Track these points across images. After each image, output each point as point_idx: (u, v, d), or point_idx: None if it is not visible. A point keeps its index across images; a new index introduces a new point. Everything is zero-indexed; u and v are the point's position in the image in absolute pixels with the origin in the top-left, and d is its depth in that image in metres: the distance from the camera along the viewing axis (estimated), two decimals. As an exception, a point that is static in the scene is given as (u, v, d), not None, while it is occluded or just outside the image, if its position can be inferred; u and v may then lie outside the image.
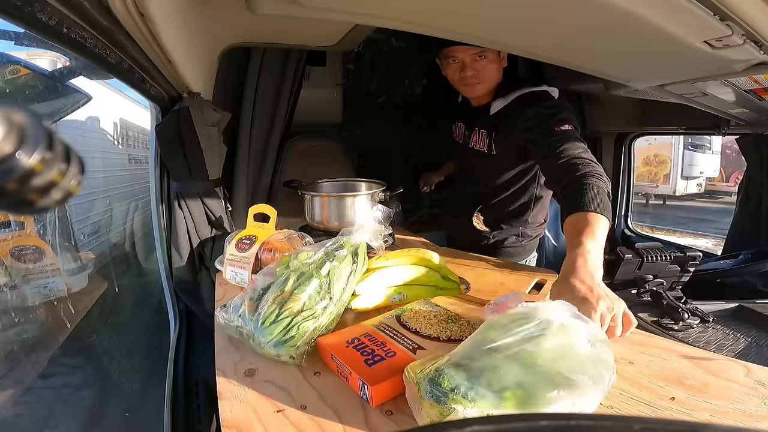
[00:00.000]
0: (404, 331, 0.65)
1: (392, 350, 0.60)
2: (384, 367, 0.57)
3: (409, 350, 0.60)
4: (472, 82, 1.21)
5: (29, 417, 1.10)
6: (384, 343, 0.62)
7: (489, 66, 1.19)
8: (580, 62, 0.93)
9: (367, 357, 0.59)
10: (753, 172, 1.71)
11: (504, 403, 0.44)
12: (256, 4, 0.71)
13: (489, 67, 1.19)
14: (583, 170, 0.96)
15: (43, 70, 1.07)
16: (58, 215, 1.31)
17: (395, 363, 0.57)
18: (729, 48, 0.69)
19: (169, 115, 1.09)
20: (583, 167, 0.97)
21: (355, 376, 0.56)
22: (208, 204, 1.19)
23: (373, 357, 0.59)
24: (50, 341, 1.18)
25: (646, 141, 7.76)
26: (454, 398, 0.44)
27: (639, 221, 6.49)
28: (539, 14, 0.68)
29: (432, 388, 0.46)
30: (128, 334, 1.58)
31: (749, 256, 1.51)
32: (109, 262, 1.79)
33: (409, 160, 2.75)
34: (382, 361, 0.58)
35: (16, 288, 1.13)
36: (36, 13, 0.52)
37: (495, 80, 1.23)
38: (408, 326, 0.67)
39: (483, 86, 1.22)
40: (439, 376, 0.47)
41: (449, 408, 0.44)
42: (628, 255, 1.00)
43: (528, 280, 0.94)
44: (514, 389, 0.45)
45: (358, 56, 2.33)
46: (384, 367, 0.57)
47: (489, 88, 1.24)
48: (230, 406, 0.55)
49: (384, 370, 0.56)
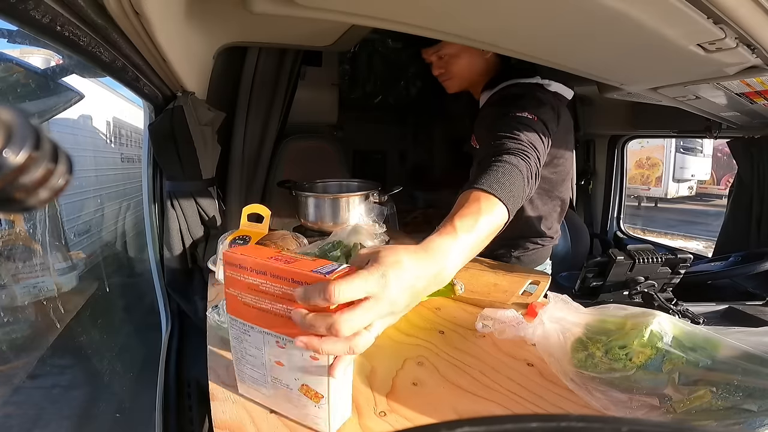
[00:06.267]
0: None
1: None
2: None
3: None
4: (443, 80, 1.19)
5: (18, 417, 1.08)
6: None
7: (455, 62, 1.14)
8: (574, 64, 0.94)
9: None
10: (743, 175, 1.73)
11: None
12: (252, 3, 0.71)
13: (455, 63, 1.14)
14: (509, 149, 0.80)
15: (35, 68, 1.06)
16: (48, 214, 1.30)
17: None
18: (722, 51, 0.70)
19: (163, 114, 1.08)
20: (513, 150, 0.80)
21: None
22: (201, 204, 1.18)
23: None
24: (40, 341, 1.17)
25: (639, 144, 7.83)
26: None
27: (631, 223, 6.55)
28: (534, 16, 0.69)
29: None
30: (119, 334, 1.56)
31: (739, 259, 1.53)
32: (100, 261, 1.78)
33: (404, 161, 2.76)
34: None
35: (5, 287, 1.11)
36: (30, 10, 0.52)
37: (470, 74, 1.17)
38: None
39: (454, 82, 1.18)
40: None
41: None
42: (620, 257, 1.00)
43: (521, 281, 0.94)
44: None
45: (354, 57, 2.33)
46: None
47: (467, 83, 1.19)
48: (222, 406, 0.55)
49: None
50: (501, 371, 0.62)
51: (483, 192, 0.67)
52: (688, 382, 0.51)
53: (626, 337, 0.56)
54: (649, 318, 0.56)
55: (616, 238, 2.46)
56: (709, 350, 0.52)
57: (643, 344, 0.55)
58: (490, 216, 0.64)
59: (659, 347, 0.54)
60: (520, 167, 0.76)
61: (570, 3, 0.61)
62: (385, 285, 0.46)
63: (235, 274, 0.49)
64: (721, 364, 0.50)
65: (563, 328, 0.61)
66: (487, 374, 0.61)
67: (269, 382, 0.52)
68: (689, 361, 0.52)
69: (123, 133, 2.50)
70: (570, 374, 0.57)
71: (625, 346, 0.55)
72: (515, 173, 0.74)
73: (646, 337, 0.55)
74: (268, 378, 0.52)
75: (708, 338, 0.53)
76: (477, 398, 0.56)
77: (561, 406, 0.55)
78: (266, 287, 0.47)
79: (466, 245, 0.57)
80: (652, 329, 0.55)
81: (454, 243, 0.56)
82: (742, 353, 0.50)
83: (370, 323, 0.46)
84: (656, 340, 0.54)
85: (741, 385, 0.48)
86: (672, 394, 0.51)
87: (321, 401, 0.48)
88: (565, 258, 1.90)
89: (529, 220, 1.23)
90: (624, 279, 1.04)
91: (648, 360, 0.54)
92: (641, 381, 0.53)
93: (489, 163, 0.76)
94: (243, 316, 0.51)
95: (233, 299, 0.51)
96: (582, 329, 0.60)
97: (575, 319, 0.61)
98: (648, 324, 0.56)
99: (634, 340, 0.55)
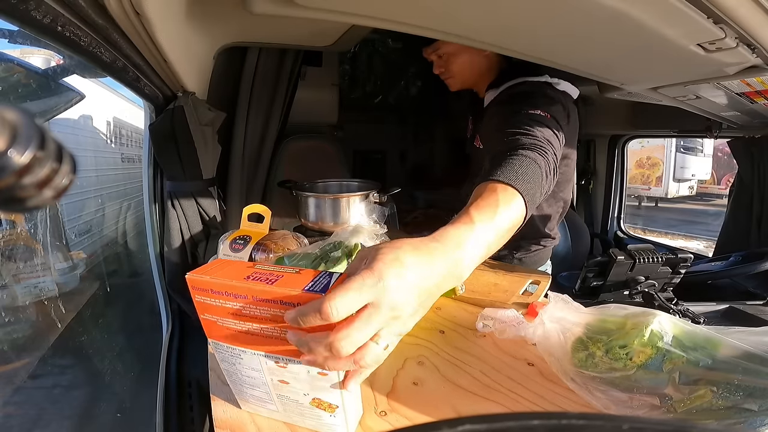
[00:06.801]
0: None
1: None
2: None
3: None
4: (444, 78, 1.19)
5: (19, 417, 1.08)
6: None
7: (454, 60, 1.14)
8: (574, 64, 0.94)
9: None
10: (744, 174, 1.73)
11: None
12: (252, 3, 0.71)
13: (454, 61, 1.14)
14: (524, 144, 0.76)
15: (36, 68, 1.06)
16: (49, 214, 1.30)
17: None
18: (722, 51, 0.70)
19: (163, 114, 1.08)
20: (529, 145, 0.76)
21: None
22: (201, 204, 1.18)
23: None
24: (41, 341, 1.17)
25: (639, 144, 7.83)
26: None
27: (631, 223, 6.55)
28: (534, 16, 0.69)
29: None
30: (120, 334, 1.56)
31: (740, 258, 1.53)
32: (101, 261, 1.78)
33: (405, 161, 2.76)
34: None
35: (6, 287, 1.11)
36: (30, 11, 0.52)
37: (471, 72, 1.16)
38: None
39: (455, 80, 1.18)
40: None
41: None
42: (621, 257, 1.00)
43: (521, 281, 0.94)
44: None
45: (354, 57, 2.33)
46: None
47: (468, 81, 1.19)
48: (223, 406, 0.55)
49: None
50: (501, 371, 0.62)
51: (500, 183, 0.62)
52: (689, 382, 0.51)
53: (627, 336, 0.56)
54: (650, 317, 0.56)
55: (617, 238, 2.46)
56: (710, 350, 0.52)
57: (643, 344, 0.55)
58: (509, 208, 0.59)
59: (660, 347, 0.54)
60: (538, 161, 0.71)
61: (570, 3, 0.60)
62: (384, 289, 0.40)
63: (206, 299, 0.43)
64: (722, 363, 0.50)
65: (564, 328, 0.61)
66: (487, 374, 0.62)
67: (275, 399, 0.48)
68: (690, 360, 0.52)
69: (123, 133, 2.50)
70: (570, 374, 0.57)
71: (626, 346, 0.55)
72: (533, 167, 0.69)
73: (647, 336, 0.55)
74: (273, 395, 0.48)
75: (708, 338, 0.53)
76: (477, 398, 0.57)
77: (561, 405, 0.55)
78: (251, 311, 0.41)
79: (483, 237, 0.52)
80: (653, 329, 0.55)
81: (471, 233, 0.50)
82: (743, 353, 0.50)
83: (376, 334, 0.40)
84: (657, 339, 0.54)
85: (741, 385, 0.48)
86: (672, 394, 0.51)
87: (336, 411, 0.46)
88: (566, 258, 1.91)
89: (533, 221, 1.23)
90: (624, 279, 1.04)
91: (648, 359, 0.54)
92: (642, 380, 0.53)
93: (504, 157, 0.71)
94: (229, 341, 0.45)
95: (211, 324, 0.44)
96: (582, 329, 0.60)
97: (576, 319, 0.61)
98: (648, 323, 0.56)
99: (634, 340, 0.55)
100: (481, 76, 1.17)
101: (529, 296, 0.88)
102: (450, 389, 0.58)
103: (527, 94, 0.99)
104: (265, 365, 0.45)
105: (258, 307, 0.41)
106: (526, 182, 0.64)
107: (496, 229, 0.55)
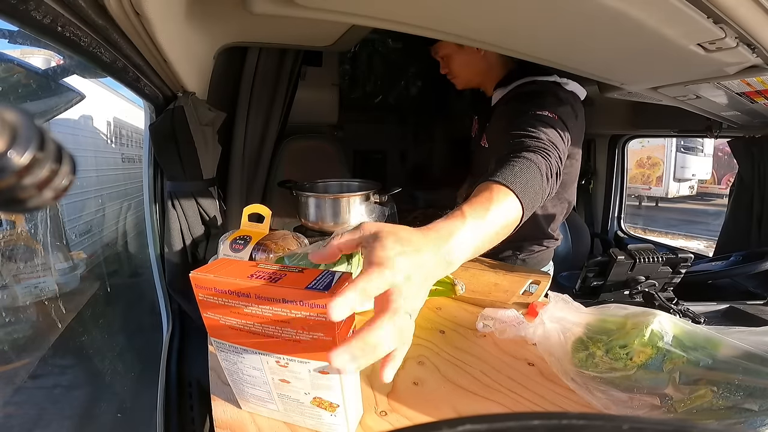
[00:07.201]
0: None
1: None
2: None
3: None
4: (449, 78, 1.20)
5: (20, 417, 1.08)
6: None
7: (451, 61, 1.15)
8: (574, 64, 0.94)
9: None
10: (744, 174, 1.73)
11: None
12: (252, 3, 0.71)
13: (452, 62, 1.15)
14: (528, 147, 0.77)
15: (36, 69, 1.06)
16: (49, 214, 1.30)
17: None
18: (722, 51, 0.70)
19: (164, 114, 1.08)
20: (533, 148, 0.77)
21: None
22: (202, 204, 1.18)
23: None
24: (41, 341, 1.17)
25: (639, 143, 7.83)
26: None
27: (632, 223, 6.54)
28: (534, 16, 0.69)
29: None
30: (120, 334, 1.56)
31: (740, 258, 1.53)
32: (102, 261, 1.78)
33: (405, 161, 2.75)
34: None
35: (7, 287, 1.11)
36: (30, 11, 0.52)
37: (470, 73, 1.17)
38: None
39: (460, 80, 1.19)
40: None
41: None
42: (621, 256, 1.01)
43: (522, 281, 0.94)
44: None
45: (354, 57, 2.33)
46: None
47: (472, 81, 1.20)
48: (223, 406, 0.55)
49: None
50: (502, 371, 0.62)
51: (496, 183, 0.64)
52: (689, 382, 0.51)
53: (627, 336, 0.56)
54: (650, 317, 0.56)
55: (617, 238, 2.46)
56: (710, 350, 0.52)
57: (643, 344, 0.55)
58: (501, 207, 0.60)
59: (660, 347, 0.54)
60: (539, 164, 0.73)
61: (570, 3, 0.61)
62: (395, 260, 0.40)
63: (209, 297, 0.43)
64: (722, 363, 0.50)
65: (564, 328, 0.61)
66: (487, 374, 0.61)
67: (276, 399, 0.49)
68: (690, 360, 0.52)
69: (124, 133, 2.50)
70: (571, 374, 0.57)
71: (626, 346, 0.55)
72: (533, 169, 0.70)
73: (647, 336, 0.55)
74: (274, 395, 0.48)
75: (709, 338, 0.53)
76: (478, 398, 0.57)
77: (562, 405, 0.55)
78: (253, 310, 0.42)
79: (474, 231, 0.53)
80: (653, 329, 0.55)
81: (462, 226, 0.52)
82: (743, 353, 0.50)
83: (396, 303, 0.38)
84: (657, 339, 0.54)
85: (742, 385, 0.48)
86: (673, 394, 0.51)
87: (337, 410, 0.46)
88: (566, 258, 1.91)
89: (537, 222, 1.23)
90: (625, 278, 1.04)
91: (649, 359, 0.54)
92: (642, 380, 0.53)
93: (507, 159, 0.73)
94: (230, 339, 0.45)
95: (213, 322, 0.45)
96: (583, 329, 0.60)
97: (576, 319, 0.61)
98: (649, 323, 0.56)
99: (634, 340, 0.55)
100: (484, 76, 1.18)
101: (529, 296, 0.88)
102: (450, 389, 0.58)
103: (535, 94, 1.00)
104: (266, 364, 0.46)
105: (261, 305, 0.41)
106: (524, 184, 0.65)
107: (487, 225, 0.56)
